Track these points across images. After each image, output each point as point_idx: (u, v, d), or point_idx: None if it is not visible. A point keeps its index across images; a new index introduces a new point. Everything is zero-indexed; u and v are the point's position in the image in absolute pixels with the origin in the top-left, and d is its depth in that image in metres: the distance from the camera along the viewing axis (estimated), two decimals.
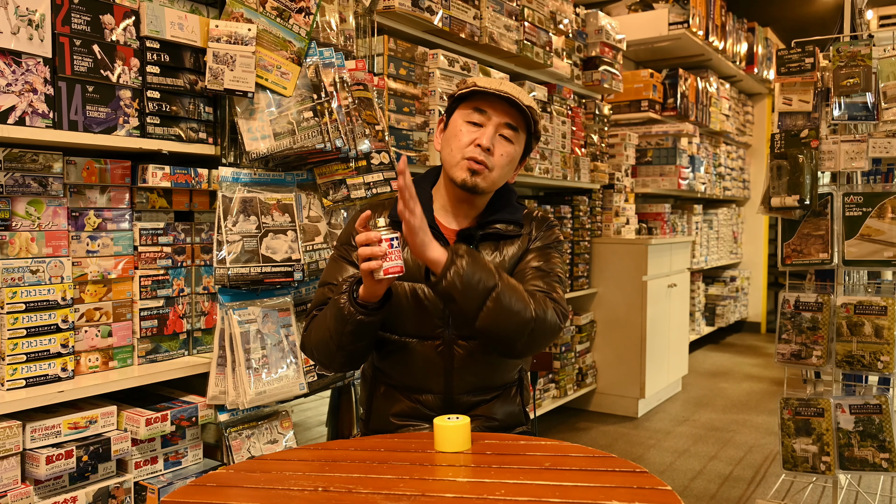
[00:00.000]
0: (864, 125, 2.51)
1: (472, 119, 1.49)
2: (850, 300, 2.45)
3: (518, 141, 1.52)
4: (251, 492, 1.15)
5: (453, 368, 1.50)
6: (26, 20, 1.56)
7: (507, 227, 1.54)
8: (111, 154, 1.82)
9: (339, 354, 1.45)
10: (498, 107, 1.48)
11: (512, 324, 1.37)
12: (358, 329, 1.40)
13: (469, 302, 1.34)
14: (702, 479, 3.10)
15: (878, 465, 2.40)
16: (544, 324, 1.40)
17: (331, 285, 1.53)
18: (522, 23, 3.12)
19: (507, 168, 1.52)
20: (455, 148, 1.50)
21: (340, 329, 1.41)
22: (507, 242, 1.55)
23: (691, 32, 4.78)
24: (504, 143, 1.50)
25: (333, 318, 1.42)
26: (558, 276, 1.54)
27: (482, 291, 1.34)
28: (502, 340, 1.41)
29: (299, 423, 2.35)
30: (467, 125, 1.50)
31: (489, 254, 1.53)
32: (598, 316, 4.14)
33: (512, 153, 1.51)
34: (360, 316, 1.38)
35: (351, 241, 1.54)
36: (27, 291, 1.61)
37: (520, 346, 1.41)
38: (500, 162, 1.49)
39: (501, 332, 1.38)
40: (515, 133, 1.51)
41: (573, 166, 3.69)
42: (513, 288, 1.38)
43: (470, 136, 1.49)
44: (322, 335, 1.46)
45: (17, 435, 1.52)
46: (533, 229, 1.58)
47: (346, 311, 1.39)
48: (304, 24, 1.98)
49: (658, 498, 1.06)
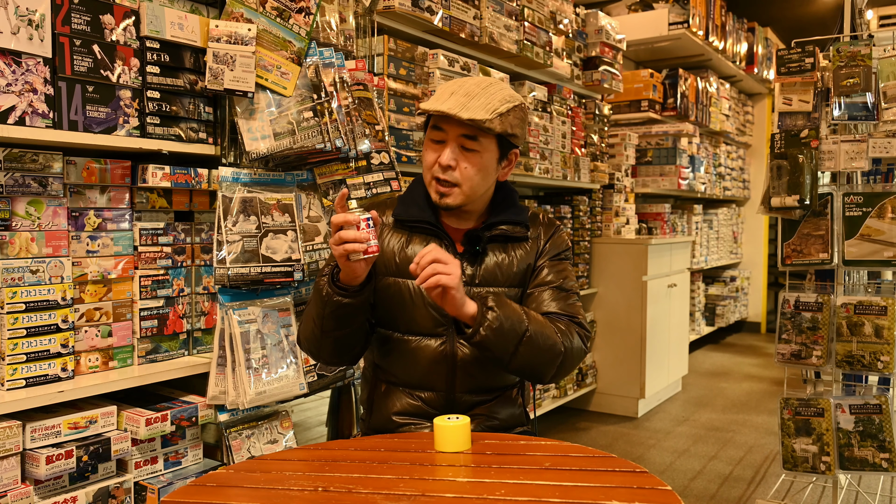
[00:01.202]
0: (864, 125, 2.51)
1: (434, 137, 1.49)
2: (850, 300, 2.45)
3: (484, 147, 1.47)
4: (251, 492, 1.15)
5: (456, 367, 1.50)
6: (26, 20, 1.56)
7: (513, 228, 1.54)
8: (111, 154, 1.82)
9: (325, 342, 1.47)
10: (449, 121, 1.45)
11: (543, 361, 1.43)
12: (338, 311, 1.41)
13: (502, 350, 1.39)
14: (702, 479, 3.10)
15: (878, 465, 2.40)
16: (572, 353, 1.46)
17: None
18: (522, 23, 3.12)
19: (479, 178, 1.48)
20: (424, 167, 1.52)
21: (322, 312, 1.42)
22: (514, 244, 1.55)
23: (691, 32, 4.78)
24: (468, 155, 1.46)
25: (315, 302, 1.44)
26: (575, 292, 1.56)
27: (513, 339, 1.38)
28: (534, 375, 1.48)
29: (299, 423, 2.35)
30: (431, 144, 1.50)
31: (497, 255, 1.53)
32: (598, 316, 4.14)
33: (479, 162, 1.47)
34: (337, 297, 1.39)
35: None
36: (27, 291, 1.61)
37: (549, 377, 1.48)
38: (465, 175, 1.46)
39: (533, 369, 1.45)
40: (477, 142, 1.46)
41: (573, 166, 3.69)
42: (541, 327, 1.42)
43: (433, 155, 1.48)
44: (308, 323, 1.49)
45: (17, 435, 1.52)
46: (541, 233, 1.58)
47: (324, 292, 1.40)
48: (304, 24, 1.98)
49: (658, 498, 1.06)
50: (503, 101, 1.45)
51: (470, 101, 1.42)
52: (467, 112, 1.41)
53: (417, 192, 1.56)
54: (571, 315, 1.50)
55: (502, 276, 1.53)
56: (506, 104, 1.45)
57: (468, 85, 1.46)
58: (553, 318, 1.48)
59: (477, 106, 1.42)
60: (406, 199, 1.57)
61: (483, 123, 1.41)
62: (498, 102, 1.44)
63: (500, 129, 1.44)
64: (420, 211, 1.52)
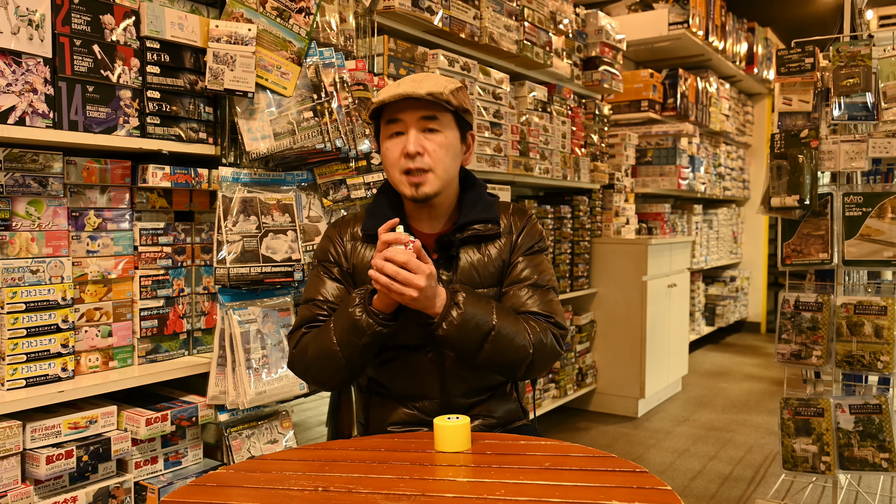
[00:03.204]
0: (863, 125, 2.51)
1: (393, 129, 1.47)
2: (849, 300, 2.45)
3: (445, 126, 1.46)
4: (251, 492, 1.15)
5: (447, 373, 1.49)
6: (26, 20, 1.56)
7: (485, 226, 1.51)
8: (111, 154, 1.82)
9: (345, 370, 1.42)
10: (405, 106, 1.44)
11: (510, 360, 1.41)
12: (374, 341, 1.39)
13: (465, 346, 1.38)
14: (702, 479, 3.10)
15: (878, 465, 2.40)
16: (543, 353, 1.43)
17: (316, 301, 1.50)
18: (522, 23, 3.12)
19: (449, 158, 1.47)
20: (389, 167, 1.48)
21: (355, 342, 1.38)
22: (487, 242, 1.52)
23: (691, 32, 4.78)
24: (432, 137, 1.45)
25: (346, 330, 1.38)
26: (553, 287, 1.53)
27: (477, 336, 1.37)
28: (501, 372, 1.47)
29: (299, 423, 2.35)
30: (391, 139, 1.47)
31: (472, 255, 1.51)
32: (598, 316, 4.14)
33: (445, 141, 1.46)
34: (378, 327, 1.36)
35: (329, 257, 1.53)
36: (27, 291, 1.61)
37: (519, 375, 1.46)
38: (436, 156, 1.45)
39: (499, 367, 1.43)
40: (437, 121, 1.45)
41: (573, 166, 3.69)
42: (510, 325, 1.39)
43: (396, 148, 1.46)
44: (325, 350, 1.41)
45: (17, 435, 1.52)
46: (512, 225, 1.55)
47: (363, 322, 1.36)
48: (304, 24, 1.98)
49: (658, 498, 1.06)
50: (449, 82, 1.47)
51: (420, 83, 1.43)
52: (423, 89, 1.41)
53: (382, 203, 1.54)
54: (548, 314, 1.47)
55: (479, 278, 1.50)
56: (452, 84, 1.47)
57: (411, 76, 1.48)
58: (528, 318, 1.45)
59: (429, 84, 1.43)
60: (373, 210, 1.54)
61: (441, 95, 1.41)
62: (445, 82, 1.46)
63: (456, 104, 1.44)
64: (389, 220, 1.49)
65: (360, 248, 1.53)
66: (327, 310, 1.49)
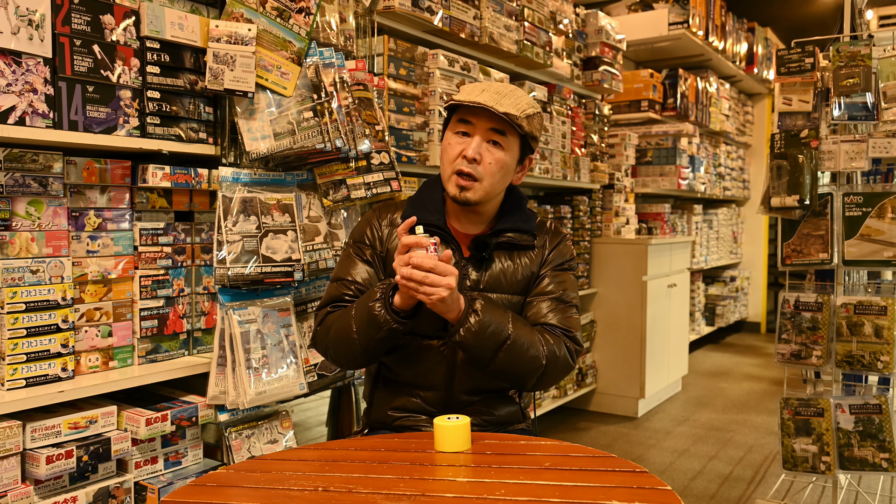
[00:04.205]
0: (863, 125, 2.51)
1: (459, 130, 1.50)
2: (849, 300, 2.45)
3: (509, 145, 1.50)
4: (251, 492, 1.15)
5: (456, 368, 1.52)
6: (26, 20, 1.56)
7: (520, 236, 1.55)
8: (111, 154, 1.82)
9: (361, 357, 1.48)
10: (481, 114, 1.48)
11: (522, 370, 1.44)
12: (389, 336, 1.42)
13: (480, 354, 1.41)
14: (702, 479, 3.10)
15: (878, 465, 2.40)
16: (555, 365, 1.46)
17: (344, 281, 1.55)
18: (522, 23, 3.12)
19: (500, 175, 1.51)
20: (445, 161, 1.52)
21: (372, 335, 1.42)
22: (520, 252, 1.57)
23: (691, 32, 4.78)
24: (493, 150, 1.49)
25: (365, 322, 1.43)
26: (575, 305, 1.57)
27: (493, 345, 1.40)
28: (513, 381, 1.50)
29: (299, 423, 2.35)
30: (455, 137, 1.51)
31: (503, 261, 1.54)
32: (598, 316, 4.14)
33: (502, 159, 1.50)
34: (395, 325, 1.40)
35: (365, 239, 1.58)
36: (27, 291, 1.61)
37: (529, 385, 1.48)
38: (489, 170, 1.48)
39: (512, 376, 1.46)
40: (504, 137, 1.49)
41: (573, 166, 3.69)
42: (526, 336, 1.42)
43: (457, 147, 1.50)
44: (345, 335, 1.47)
45: (17, 435, 1.52)
46: (547, 242, 1.60)
47: (381, 318, 1.40)
48: (304, 24, 1.98)
49: (658, 498, 1.06)
50: (529, 105, 1.50)
51: (502, 98, 1.47)
52: (502, 107, 1.45)
53: (428, 195, 1.58)
54: (566, 329, 1.51)
55: (506, 284, 1.54)
56: (531, 108, 1.51)
57: (496, 86, 1.50)
58: (545, 330, 1.49)
59: (509, 103, 1.47)
60: (416, 201, 1.58)
61: (516, 119, 1.46)
62: (525, 105, 1.49)
63: (527, 129, 1.49)
64: (429, 214, 1.53)
65: (395, 236, 1.56)
66: (354, 290, 1.54)
